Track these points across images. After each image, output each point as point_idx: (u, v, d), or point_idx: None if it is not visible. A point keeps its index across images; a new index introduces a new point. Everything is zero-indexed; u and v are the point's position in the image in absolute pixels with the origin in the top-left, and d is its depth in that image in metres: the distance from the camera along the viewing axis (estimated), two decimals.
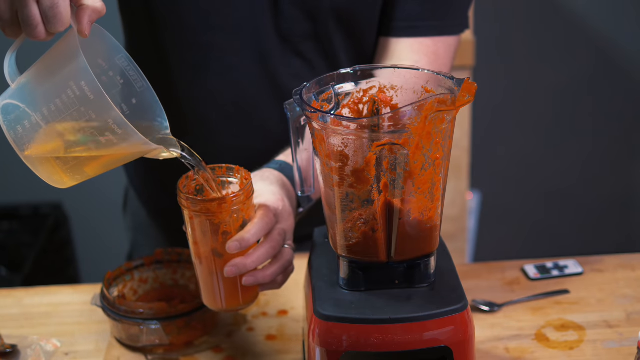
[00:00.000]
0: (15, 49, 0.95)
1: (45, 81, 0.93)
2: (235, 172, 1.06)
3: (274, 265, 1.04)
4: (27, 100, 0.93)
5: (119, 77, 1.03)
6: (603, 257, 1.32)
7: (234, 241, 1.00)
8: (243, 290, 1.05)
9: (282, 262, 1.05)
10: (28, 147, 0.94)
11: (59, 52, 0.93)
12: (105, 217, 2.59)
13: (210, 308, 1.08)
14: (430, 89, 0.95)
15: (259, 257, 1.02)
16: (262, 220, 1.03)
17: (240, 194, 1.01)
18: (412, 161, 0.89)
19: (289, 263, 1.06)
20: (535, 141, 2.70)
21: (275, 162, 1.17)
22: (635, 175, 2.76)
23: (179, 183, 1.03)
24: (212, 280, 1.05)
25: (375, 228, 0.93)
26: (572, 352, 1.11)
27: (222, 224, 1.01)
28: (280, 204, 1.07)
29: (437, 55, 1.26)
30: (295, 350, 1.14)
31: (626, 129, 2.70)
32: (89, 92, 0.89)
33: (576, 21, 2.56)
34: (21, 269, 2.37)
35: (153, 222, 1.49)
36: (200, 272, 1.05)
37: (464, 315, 0.94)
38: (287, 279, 1.08)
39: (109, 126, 0.90)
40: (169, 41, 1.28)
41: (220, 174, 1.06)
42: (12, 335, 1.18)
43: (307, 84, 0.96)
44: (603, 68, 2.61)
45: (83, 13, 0.92)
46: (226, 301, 1.06)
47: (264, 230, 1.03)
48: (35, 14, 0.90)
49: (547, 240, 2.81)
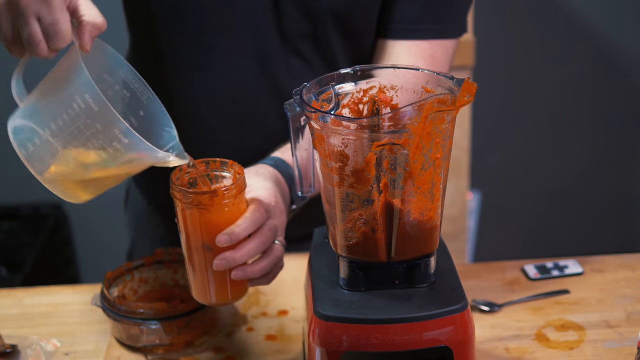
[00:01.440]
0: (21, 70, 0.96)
1: (51, 98, 0.94)
2: (228, 167, 1.07)
3: (264, 260, 1.04)
4: (35, 118, 0.95)
5: (125, 90, 1.04)
6: (603, 257, 1.32)
7: (223, 234, 1.01)
8: (232, 284, 1.05)
9: (272, 257, 1.05)
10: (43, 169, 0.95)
11: (63, 69, 0.95)
12: (105, 217, 2.59)
13: (200, 302, 1.08)
14: (430, 89, 0.95)
15: (249, 251, 1.02)
16: (253, 215, 1.03)
17: (232, 188, 1.01)
18: (412, 161, 0.89)
19: (278, 259, 1.06)
20: (535, 141, 2.71)
21: (270, 158, 1.17)
22: (635, 175, 2.76)
23: (172, 175, 1.04)
24: (201, 274, 1.05)
25: (375, 228, 0.93)
26: (572, 352, 1.11)
27: (213, 217, 1.01)
28: (272, 199, 1.07)
29: (434, 58, 1.26)
30: (295, 350, 1.14)
31: (626, 129, 2.70)
32: (93, 104, 0.91)
33: (576, 21, 2.56)
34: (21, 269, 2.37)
35: (153, 217, 1.49)
36: (190, 265, 1.06)
37: (464, 315, 0.94)
38: (277, 275, 1.08)
39: (115, 136, 0.91)
40: (169, 41, 1.28)
41: (214, 168, 1.07)
42: (12, 335, 1.18)
43: (307, 84, 0.96)
44: (603, 68, 2.62)
45: (84, 29, 0.94)
46: (215, 295, 1.06)
47: (254, 224, 1.03)
48: (37, 31, 0.91)
49: (547, 240, 2.81)
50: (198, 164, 1.05)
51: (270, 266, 1.05)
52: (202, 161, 1.06)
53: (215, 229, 1.01)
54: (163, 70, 1.31)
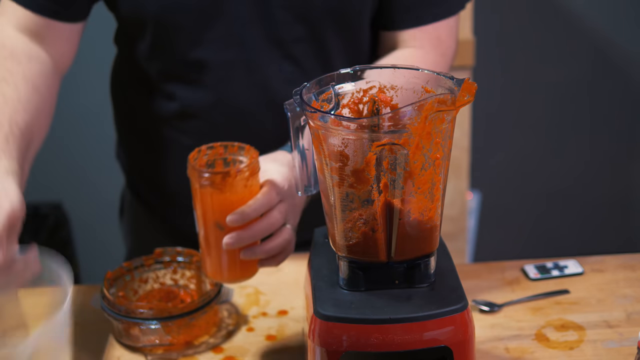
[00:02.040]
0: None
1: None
2: (245, 152, 1.11)
3: (272, 242, 1.08)
4: None
5: None
6: (603, 257, 1.32)
7: (234, 214, 1.05)
8: (242, 263, 1.10)
9: (280, 240, 1.09)
10: None
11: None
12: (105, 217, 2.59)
13: (211, 279, 1.13)
14: (430, 89, 0.95)
15: (257, 231, 1.06)
16: (264, 197, 1.06)
17: (245, 170, 1.06)
18: (412, 161, 0.89)
19: (287, 242, 1.09)
20: (535, 141, 2.71)
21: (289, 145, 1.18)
22: (635, 175, 2.76)
23: (190, 156, 1.09)
24: (213, 252, 1.10)
25: (375, 228, 0.93)
26: (572, 352, 1.11)
27: (225, 198, 1.06)
28: (286, 184, 1.10)
29: (440, 40, 1.29)
30: (295, 350, 1.14)
31: (626, 129, 2.70)
32: None
33: (576, 21, 2.56)
34: None
35: (149, 224, 1.49)
36: (203, 244, 1.11)
37: (464, 315, 0.94)
38: (285, 258, 1.12)
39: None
40: (159, 57, 1.29)
41: (232, 152, 1.12)
42: None
43: (307, 84, 0.96)
44: (603, 68, 2.62)
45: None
46: (227, 273, 1.11)
47: (264, 206, 1.06)
48: None
49: (547, 240, 2.81)
50: (217, 147, 1.11)
51: (279, 248, 1.09)
52: (220, 144, 1.11)
53: (227, 209, 1.06)
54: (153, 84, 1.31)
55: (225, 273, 1.11)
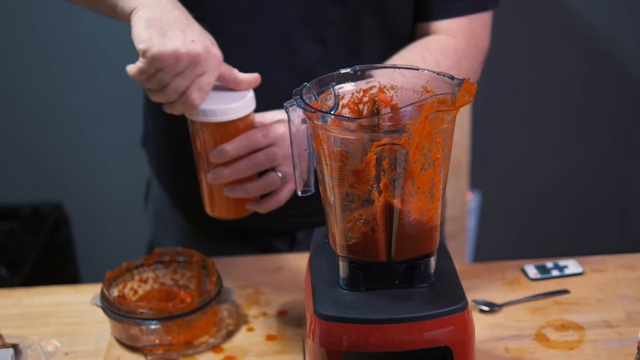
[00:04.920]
0: None
1: None
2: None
3: (254, 182, 1.12)
4: None
5: None
6: (603, 257, 1.32)
7: (215, 150, 1.11)
8: (231, 201, 1.17)
9: (264, 183, 1.12)
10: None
11: None
12: (105, 217, 2.59)
13: (208, 214, 1.21)
14: (430, 89, 0.95)
15: (237, 168, 1.10)
16: (247, 137, 1.10)
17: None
18: (412, 161, 0.89)
19: (269, 186, 1.12)
20: (535, 141, 2.70)
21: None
22: (635, 175, 2.76)
23: None
24: (207, 188, 1.18)
25: (375, 228, 0.93)
26: (572, 352, 1.11)
27: (215, 137, 1.12)
28: (281, 129, 1.12)
29: (475, 32, 1.30)
30: (295, 350, 1.14)
31: (626, 129, 2.70)
32: None
33: (576, 21, 2.56)
34: (21, 269, 2.37)
35: (175, 210, 1.49)
36: (200, 181, 1.19)
37: (464, 315, 0.94)
38: (273, 207, 1.15)
39: None
40: None
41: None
42: (12, 335, 1.18)
43: (307, 84, 0.96)
44: (603, 68, 2.61)
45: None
46: (218, 208, 1.19)
47: (246, 146, 1.10)
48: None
49: (547, 240, 2.81)
50: None
51: (260, 190, 1.13)
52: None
53: (216, 146, 1.12)
54: None
55: (215, 208, 1.19)
